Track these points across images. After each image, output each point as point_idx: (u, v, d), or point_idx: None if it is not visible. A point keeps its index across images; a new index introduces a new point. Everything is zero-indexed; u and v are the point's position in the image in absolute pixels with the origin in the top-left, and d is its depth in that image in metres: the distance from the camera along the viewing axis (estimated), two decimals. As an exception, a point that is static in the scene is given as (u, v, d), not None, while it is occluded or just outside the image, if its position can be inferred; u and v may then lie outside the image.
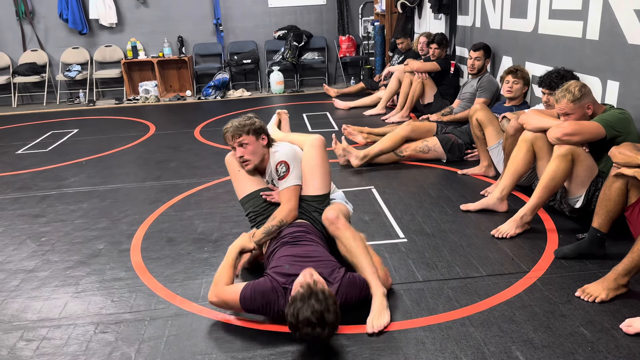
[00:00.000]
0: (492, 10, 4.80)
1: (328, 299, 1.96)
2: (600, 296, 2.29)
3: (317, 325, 1.90)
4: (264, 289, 2.16)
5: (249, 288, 2.18)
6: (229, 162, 2.74)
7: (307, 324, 1.90)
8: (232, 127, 2.60)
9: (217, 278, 2.31)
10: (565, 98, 2.80)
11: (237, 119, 2.63)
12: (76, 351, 2.17)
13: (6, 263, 2.97)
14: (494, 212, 3.25)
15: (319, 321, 1.90)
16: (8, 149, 5.47)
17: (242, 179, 2.69)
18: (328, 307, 1.93)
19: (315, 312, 1.90)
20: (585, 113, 2.82)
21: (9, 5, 7.75)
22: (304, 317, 1.90)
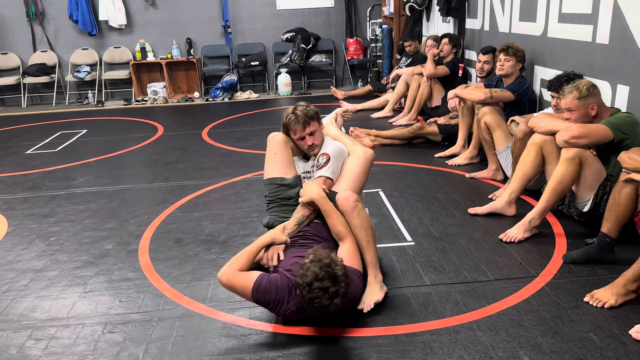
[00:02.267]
0: (501, 13, 4.79)
1: (333, 257, 2.06)
2: (609, 302, 2.28)
3: (327, 279, 1.97)
4: (280, 285, 2.15)
5: (265, 279, 2.16)
6: (273, 142, 2.69)
7: (316, 278, 1.97)
8: (301, 117, 2.56)
9: (234, 261, 2.26)
10: (572, 94, 2.79)
11: (296, 108, 2.61)
12: (84, 351, 2.18)
13: (15, 262, 3.00)
14: (502, 216, 3.24)
15: (328, 274, 1.98)
16: (18, 149, 5.51)
17: (274, 162, 2.67)
18: (336, 263, 2.03)
19: (324, 266, 1.99)
20: (588, 113, 2.80)
21: (20, 7, 7.82)
22: (312, 273, 1.98)
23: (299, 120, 2.57)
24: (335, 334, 2.20)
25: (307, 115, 2.58)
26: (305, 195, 2.49)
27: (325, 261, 2.01)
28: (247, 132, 5.74)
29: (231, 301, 2.48)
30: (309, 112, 2.59)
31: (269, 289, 2.13)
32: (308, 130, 2.59)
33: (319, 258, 2.03)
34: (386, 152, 4.75)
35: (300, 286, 2.02)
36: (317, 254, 2.06)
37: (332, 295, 1.99)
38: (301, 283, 2.01)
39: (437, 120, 4.98)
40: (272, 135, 2.71)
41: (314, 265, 2.01)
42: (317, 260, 2.03)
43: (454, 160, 4.31)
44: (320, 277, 1.97)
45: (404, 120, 5.70)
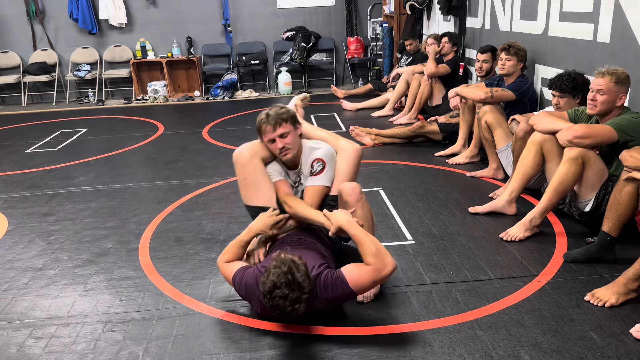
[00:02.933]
0: (501, 12, 4.79)
1: (297, 263, 1.98)
2: (610, 301, 2.28)
3: (287, 286, 1.93)
4: (250, 282, 2.21)
5: (239, 274, 2.27)
6: (239, 164, 2.52)
7: (275, 286, 1.93)
8: (272, 118, 2.44)
9: (224, 252, 2.40)
10: (609, 76, 2.72)
11: (269, 110, 2.49)
12: (84, 349, 2.18)
13: (15, 261, 2.99)
14: (503, 215, 3.24)
15: (287, 282, 1.93)
16: (18, 148, 5.51)
17: (247, 189, 2.54)
18: (297, 268, 1.97)
19: (283, 274, 1.94)
20: (615, 101, 2.75)
21: (20, 5, 7.81)
22: (271, 281, 1.94)
23: (269, 121, 2.44)
24: (336, 333, 2.19)
25: (279, 117, 2.44)
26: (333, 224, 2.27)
27: (284, 268, 1.95)
28: (248, 131, 5.74)
29: (231, 300, 2.48)
30: (282, 114, 2.45)
31: (240, 284, 2.25)
32: (279, 132, 2.43)
33: (279, 264, 1.98)
34: (387, 151, 4.74)
35: (262, 294, 2.01)
36: (278, 259, 2.00)
37: (293, 302, 1.95)
38: (262, 291, 2.00)
39: (438, 119, 4.98)
40: (236, 154, 2.53)
41: (273, 273, 1.95)
42: (277, 266, 1.97)
43: (455, 159, 4.31)
44: (279, 285, 1.93)
45: (405, 119, 5.70)
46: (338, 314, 2.31)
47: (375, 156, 4.59)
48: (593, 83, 2.80)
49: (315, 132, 2.75)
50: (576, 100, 3.28)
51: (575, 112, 3.07)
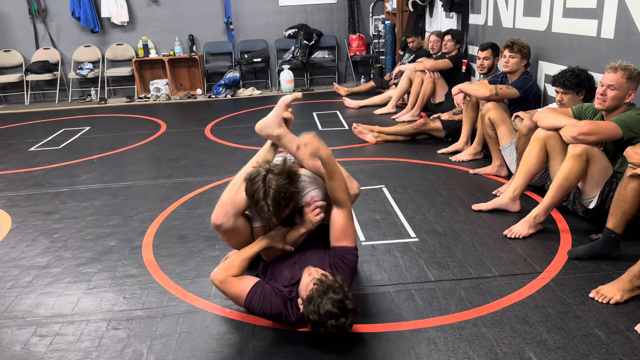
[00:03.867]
0: (504, 8, 4.77)
1: (343, 286, 1.97)
2: (614, 297, 2.27)
3: (341, 316, 1.92)
4: (276, 301, 2.13)
5: (259, 291, 2.13)
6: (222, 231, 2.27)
7: (330, 317, 1.91)
8: (272, 209, 2.11)
9: (229, 266, 2.20)
10: (622, 72, 2.70)
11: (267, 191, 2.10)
12: (89, 347, 2.18)
13: (19, 259, 3.00)
14: (507, 212, 3.23)
15: (342, 310, 1.91)
16: (21, 146, 5.52)
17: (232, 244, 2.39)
18: (346, 295, 1.95)
19: (335, 303, 1.91)
20: (625, 97, 2.73)
21: (22, 4, 7.82)
22: (325, 310, 1.90)
23: (271, 213, 2.12)
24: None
25: (280, 205, 2.12)
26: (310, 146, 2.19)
27: (336, 296, 1.91)
28: (250, 128, 5.73)
29: (235, 297, 2.48)
30: (281, 201, 2.11)
31: (263, 302, 2.12)
32: (283, 215, 2.22)
33: (327, 288, 1.93)
34: (389, 148, 4.74)
35: (312, 322, 1.95)
36: (324, 283, 1.95)
37: (347, 327, 1.96)
38: (312, 319, 1.94)
39: (441, 116, 4.97)
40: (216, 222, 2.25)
41: (325, 301, 1.90)
42: (325, 291, 1.92)
43: (458, 156, 4.30)
44: (335, 314, 1.90)
45: (407, 117, 5.69)
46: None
47: (378, 154, 4.59)
48: (604, 78, 2.77)
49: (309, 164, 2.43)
50: (580, 96, 3.27)
51: (580, 108, 3.05)
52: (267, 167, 2.15)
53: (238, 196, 2.22)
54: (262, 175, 2.12)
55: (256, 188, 2.10)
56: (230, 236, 2.31)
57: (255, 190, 2.11)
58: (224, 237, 2.34)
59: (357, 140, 4.95)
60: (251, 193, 2.13)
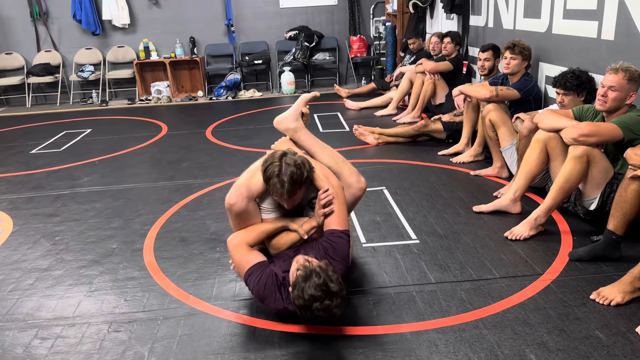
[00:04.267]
0: (505, 10, 4.77)
1: (326, 270, 1.98)
2: (615, 299, 2.27)
3: (325, 298, 1.93)
4: (270, 283, 2.15)
5: (258, 271, 2.17)
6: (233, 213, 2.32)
7: (314, 300, 1.93)
8: (287, 187, 2.17)
9: (247, 232, 2.30)
10: (623, 73, 2.70)
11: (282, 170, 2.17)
12: (90, 350, 2.19)
13: (21, 262, 3.00)
14: (507, 214, 3.23)
15: (325, 293, 1.93)
16: (22, 149, 5.53)
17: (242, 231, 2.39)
18: (329, 277, 1.96)
19: (318, 286, 1.93)
20: (626, 98, 2.74)
21: (24, 7, 7.84)
22: (309, 294, 1.93)
23: (284, 190, 2.18)
24: (341, 332, 2.19)
25: (295, 184, 2.18)
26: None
27: (318, 280, 1.93)
28: (251, 130, 5.74)
29: (236, 300, 2.48)
30: (297, 180, 2.18)
31: (258, 282, 2.16)
32: (292, 200, 2.26)
33: (309, 274, 1.96)
34: (390, 150, 4.74)
35: (299, 307, 1.98)
36: (306, 269, 1.98)
37: (333, 309, 1.96)
38: (298, 304, 1.96)
39: (442, 117, 4.97)
40: (229, 203, 2.29)
41: (308, 285, 1.93)
42: (308, 277, 1.95)
43: (459, 158, 4.30)
44: (318, 297, 1.92)
45: (408, 118, 5.69)
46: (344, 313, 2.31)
47: (379, 155, 4.59)
48: (605, 79, 2.77)
49: (322, 157, 2.51)
50: (581, 98, 3.27)
51: (580, 110, 3.06)
52: (284, 151, 2.26)
53: (253, 180, 2.30)
54: (278, 155, 2.23)
55: (272, 164, 2.20)
56: (240, 220, 2.35)
57: (270, 166, 2.20)
58: (234, 221, 2.38)
59: (358, 142, 4.95)
60: (267, 170, 2.21)
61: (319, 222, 2.32)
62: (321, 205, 2.30)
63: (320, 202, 2.30)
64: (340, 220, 2.29)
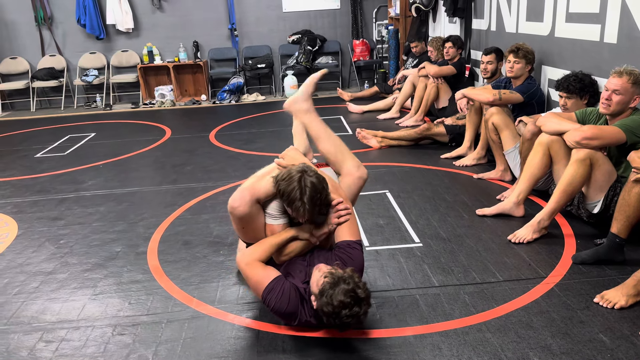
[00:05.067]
0: (507, 13, 4.78)
1: (353, 277, 2.00)
2: (619, 302, 2.26)
3: (354, 305, 1.94)
4: (294, 298, 2.12)
5: (279, 286, 2.12)
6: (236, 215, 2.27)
7: (343, 307, 1.93)
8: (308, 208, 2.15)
9: (256, 249, 2.23)
10: (627, 77, 2.71)
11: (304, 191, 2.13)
12: (94, 353, 2.20)
13: (26, 265, 3.02)
14: (511, 217, 3.23)
15: (354, 299, 1.94)
16: (27, 153, 5.56)
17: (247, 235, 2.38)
18: (357, 285, 1.98)
19: (348, 292, 1.94)
20: (630, 101, 2.74)
21: (28, 11, 7.89)
22: (338, 301, 1.93)
23: (305, 213, 2.17)
24: (344, 336, 2.19)
25: (315, 205, 2.17)
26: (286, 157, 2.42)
27: (347, 286, 1.95)
28: (254, 134, 5.76)
29: (240, 303, 2.49)
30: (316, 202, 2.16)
31: (281, 297, 2.11)
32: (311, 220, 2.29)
33: (338, 280, 1.97)
34: (393, 153, 4.74)
35: (327, 313, 1.98)
36: (334, 276, 1.99)
37: (361, 316, 1.98)
38: (327, 311, 1.97)
39: (444, 120, 4.97)
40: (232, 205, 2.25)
41: (338, 292, 1.94)
42: (337, 283, 1.96)
43: (462, 161, 4.30)
44: (347, 304, 1.93)
45: (411, 122, 5.70)
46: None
47: (382, 159, 4.60)
48: (609, 82, 2.78)
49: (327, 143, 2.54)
50: (583, 101, 3.28)
51: (583, 113, 3.06)
52: (300, 168, 2.19)
53: (258, 185, 2.26)
54: (297, 177, 2.15)
55: (292, 188, 2.13)
56: (244, 224, 2.30)
57: (291, 190, 2.14)
58: (237, 224, 2.33)
59: (360, 145, 4.96)
60: (287, 193, 2.15)
61: (330, 229, 2.31)
62: (337, 216, 2.29)
63: (338, 214, 2.29)
64: (353, 231, 2.30)
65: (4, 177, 4.71)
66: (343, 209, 2.29)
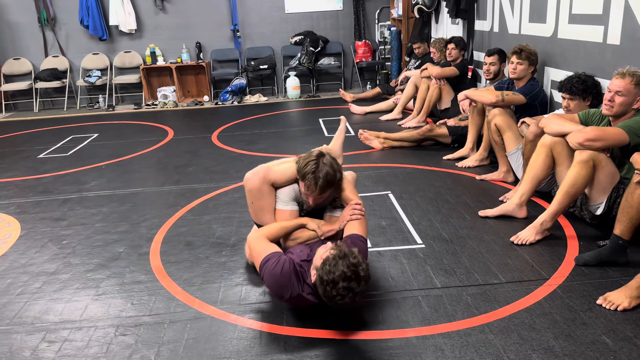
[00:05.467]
0: (510, 15, 4.78)
1: (358, 255, 2.05)
2: (622, 304, 2.26)
3: (353, 279, 1.99)
4: (286, 268, 2.17)
5: (274, 258, 2.20)
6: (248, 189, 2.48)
7: (343, 278, 1.97)
8: (321, 184, 2.32)
9: (268, 228, 2.38)
10: (630, 78, 2.70)
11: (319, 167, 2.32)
12: (97, 353, 2.20)
13: (29, 265, 3.02)
14: (513, 219, 3.22)
15: (354, 274, 1.99)
16: (30, 153, 5.57)
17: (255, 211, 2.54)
18: (360, 262, 2.03)
19: (351, 266, 1.99)
20: (633, 102, 2.73)
21: (32, 12, 7.91)
22: (340, 271, 1.98)
23: (316, 187, 2.33)
24: (346, 337, 2.20)
25: (329, 184, 2.35)
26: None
27: (352, 260, 2.01)
28: (257, 135, 5.76)
29: (242, 304, 2.49)
30: (330, 179, 2.34)
31: (275, 268, 2.17)
32: (319, 198, 2.42)
33: (344, 254, 2.02)
34: (395, 154, 4.74)
35: (325, 282, 2.01)
36: (341, 250, 2.05)
37: (356, 294, 2.01)
38: (326, 279, 2.00)
39: (447, 122, 4.97)
40: (246, 179, 2.48)
41: (341, 263, 1.99)
42: (342, 256, 2.02)
43: (464, 162, 4.30)
44: (348, 277, 1.98)
45: (413, 123, 5.70)
46: (348, 316, 2.32)
47: (384, 160, 4.60)
48: (612, 84, 2.77)
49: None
50: (586, 102, 3.27)
51: (586, 114, 3.05)
52: (322, 151, 2.38)
53: (275, 168, 2.46)
54: (316, 154, 2.37)
55: (309, 161, 2.31)
56: (253, 198, 2.47)
57: (307, 163, 2.32)
58: (249, 199, 2.50)
59: (363, 147, 4.96)
60: (303, 166, 2.33)
61: (340, 226, 2.43)
62: (350, 214, 2.41)
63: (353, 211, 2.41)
64: (362, 228, 2.40)
65: (7, 178, 4.73)
66: (358, 208, 2.41)
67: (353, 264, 2.00)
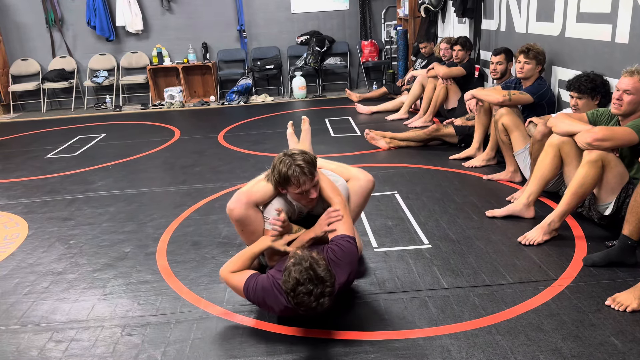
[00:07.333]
0: (517, 13, 4.75)
1: (314, 257, 2.02)
2: (631, 305, 2.24)
3: (309, 282, 1.96)
4: (267, 285, 2.18)
5: (253, 280, 2.22)
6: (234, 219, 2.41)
7: (299, 283, 1.96)
8: (307, 168, 2.26)
9: (231, 263, 2.35)
10: (638, 76, 2.68)
11: (294, 158, 2.28)
12: (103, 353, 2.21)
13: (36, 265, 3.04)
14: (521, 219, 3.20)
15: (310, 277, 1.96)
16: (37, 154, 5.60)
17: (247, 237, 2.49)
18: (317, 263, 2.00)
19: (305, 270, 1.97)
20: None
21: (39, 13, 7.96)
22: (294, 277, 1.97)
23: (305, 171, 2.26)
24: (353, 337, 2.19)
25: (312, 165, 2.29)
26: None
27: (305, 264, 1.98)
28: (263, 135, 5.76)
29: (248, 304, 2.48)
30: (311, 160, 2.30)
31: (256, 289, 2.19)
32: (315, 180, 2.32)
33: (299, 261, 2.01)
34: (402, 154, 4.73)
35: (285, 292, 2.02)
36: (297, 256, 2.04)
37: (318, 297, 1.98)
38: (285, 289, 2.01)
39: (454, 121, 4.95)
40: (229, 209, 2.41)
41: (295, 270, 1.98)
42: (297, 263, 2.00)
43: (471, 162, 4.28)
44: (302, 281, 1.95)
45: (420, 122, 5.68)
46: (354, 317, 2.31)
47: (391, 160, 4.58)
48: (620, 83, 2.75)
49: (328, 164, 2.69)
50: (595, 101, 3.25)
51: (595, 113, 3.03)
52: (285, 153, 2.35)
53: (254, 188, 2.40)
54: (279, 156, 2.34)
55: (280, 162, 2.29)
56: (242, 226, 2.44)
57: (280, 166, 2.28)
58: (238, 228, 2.48)
59: (369, 146, 4.95)
60: (278, 172, 2.29)
61: (317, 234, 2.37)
62: (328, 222, 2.35)
63: (330, 219, 2.35)
64: (346, 227, 2.34)
65: (15, 178, 4.76)
66: (335, 215, 2.35)
67: (307, 267, 1.96)
